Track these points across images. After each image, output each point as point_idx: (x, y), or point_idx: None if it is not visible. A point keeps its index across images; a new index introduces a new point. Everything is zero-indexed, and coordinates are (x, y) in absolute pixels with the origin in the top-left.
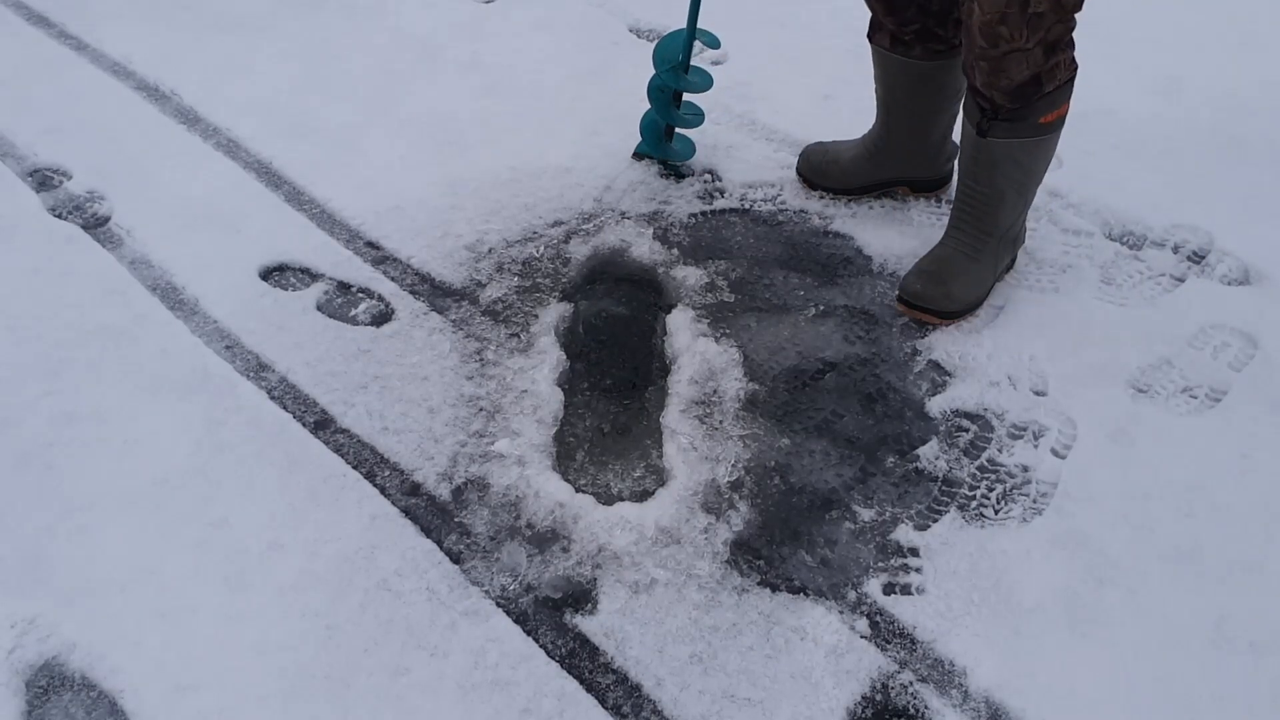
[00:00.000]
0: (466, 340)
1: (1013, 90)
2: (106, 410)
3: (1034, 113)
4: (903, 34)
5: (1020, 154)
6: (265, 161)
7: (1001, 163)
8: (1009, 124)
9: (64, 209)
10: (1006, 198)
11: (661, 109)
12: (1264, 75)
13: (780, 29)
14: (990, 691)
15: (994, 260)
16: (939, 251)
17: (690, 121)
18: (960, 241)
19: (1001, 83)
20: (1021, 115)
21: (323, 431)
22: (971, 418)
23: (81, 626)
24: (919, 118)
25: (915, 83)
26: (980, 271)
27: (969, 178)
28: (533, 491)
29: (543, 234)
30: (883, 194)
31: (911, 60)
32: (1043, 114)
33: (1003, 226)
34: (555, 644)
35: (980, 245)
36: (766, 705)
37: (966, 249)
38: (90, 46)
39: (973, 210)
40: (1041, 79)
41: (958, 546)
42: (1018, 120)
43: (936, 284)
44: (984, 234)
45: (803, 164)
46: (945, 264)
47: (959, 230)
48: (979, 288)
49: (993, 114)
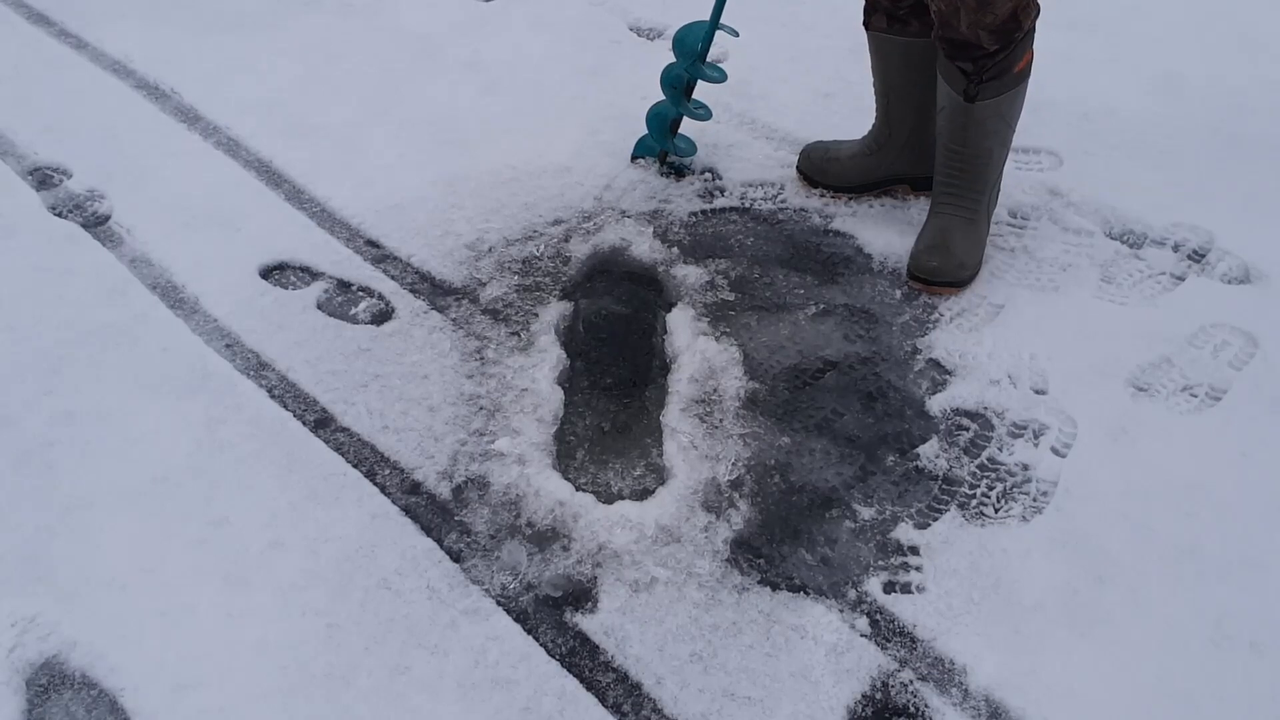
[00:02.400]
0: (467, 339)
1: (997, 27)
2: (107, 409)
3: (1011, 61)
4: (898, 9)
5: (1005, 108)
6: (265, 160)
7: (988, 120)
8: (994, 82)
9: (64, 208)
10: (994, 153)
11: (675, 99)
12: (1264, 74)
13: (781, 28)
14: (990, 690)
15: (988, 215)
16: (937, 223)
17: (700, 115)
18: (956, 207)
19: (987, 19)
20: (1002, 68)
21: (323, 430)
22: (972, 416)
23: (82, 625)
24: (918, 102)
25: (912, 64)
26: (978, 231)
27: (956, 143)
28: (533, 490)
29: (543, 232)
30: (883, 192)
31: (909, 39)
32: (1017, 61)
33: (991, 179)
34: (555, 642)
35: (975, 206)
36: (767, 704)
37: (963, 213)
38: (90, 45)
39: (962, 174)
40: (1019, 14)
41: (958, 545)
42: (1001, 75)
43: (947, 256)
44: (976, 194)
45: (803, 162)
46: (948, 234)
47: (951, 196)
48: (979, 247)
49: (978, 76)
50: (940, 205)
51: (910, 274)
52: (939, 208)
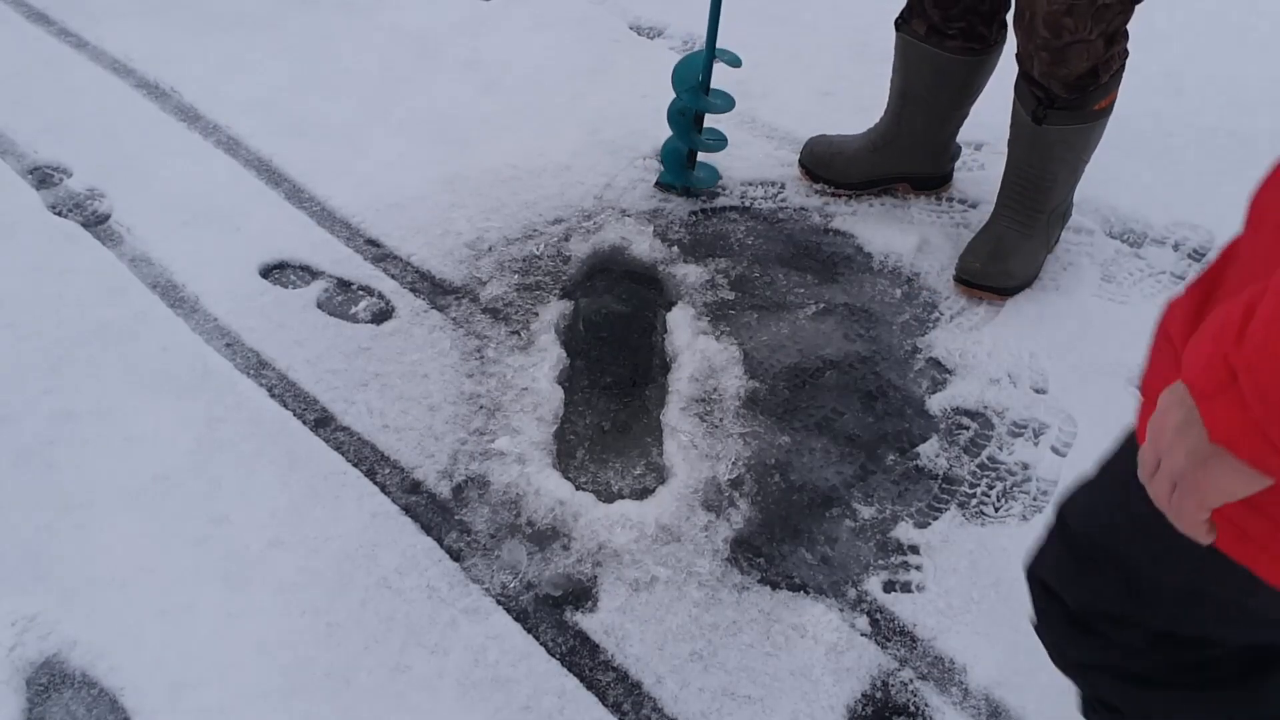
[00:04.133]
0: (467, 338)
1: (1072, 81)
2: (107, 407)
3: (1089, 101)
4: (946, 28)
5: (1074, 138)
6: (265, 159)
7: (1056, 146)
8: (1065, 112)
9: (64, 206)
10: (1059, 178)
11: (682, 134)
12: (1265, 73)
13: (781, 27)
14: (990, 689)
15: (1046, 236)
16: (993, 230)
17: (713, 146)
18: (1013, 220)
19: (1061, 73)
20: (1078, 104)
21: (323, 429)
22: (972, 415)
23: (82, 624)
24: (936, 113)
25: (941, 76)
26: (1034, 247)
27: (1022, 162)
28: (533, 489)
29: (543, 231)
30: (883, 191)
31: (943, 53)
32: (1097, 101)
33: (1054, 203)
34: (555, 641)
35: (1033, 222)
36: (766, 702)
37: (1020, 227)
38: (90, 44)
39: (1025, 190)
40: (1099, 70)
41: (958, 544)
42: (1074, 109)
43: (996, 262)
44: (1036, 212)
45: (806, 155)
46: (1001, 243)
47: (1011, 209)
48: (1034, 263)
49: (1049, 103)
50: (999, 213)
51: (955, 276)
52: (997, 215)
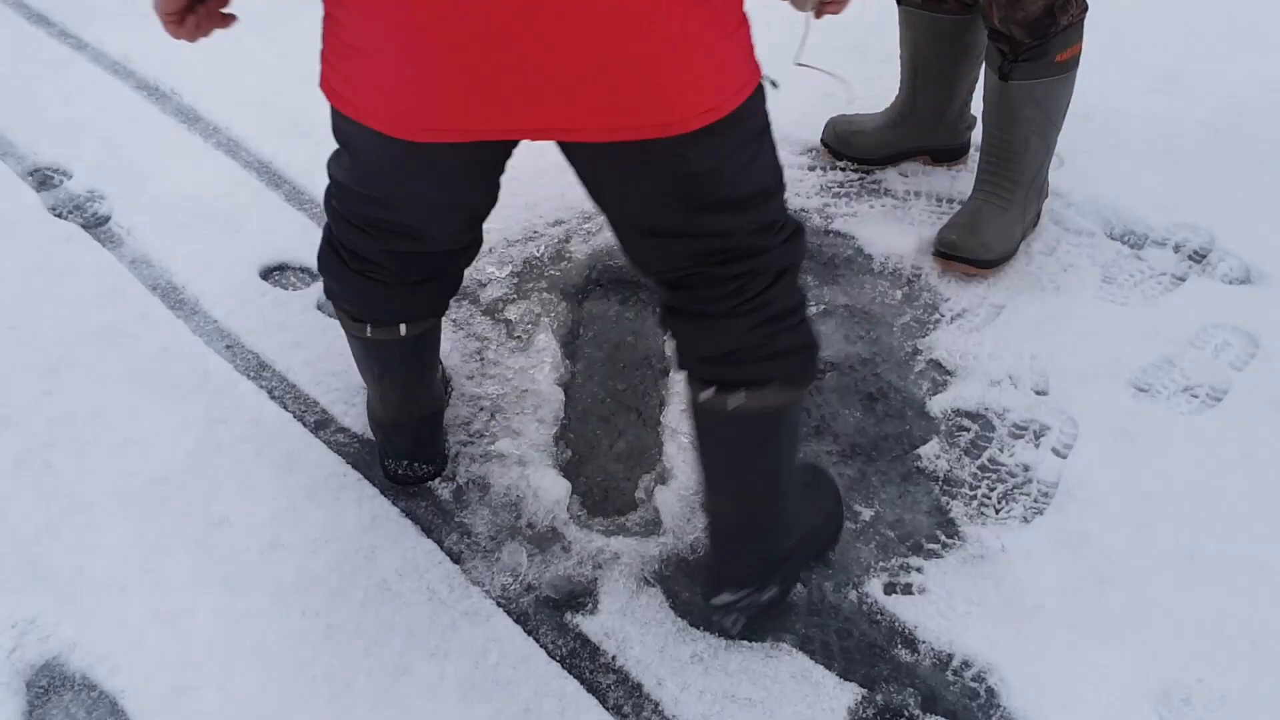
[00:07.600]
0: (466, 340)
1: (1029, 23)
2: (106, 409)
3: (1050, 50)
4: None
5: (1040, 95)
6: (265, 160)
7: (1023, 105)
8: (1029, 64)
9: (64, 208)
10: (1030, 143)
11: None
12: (1265, 74)
13: (782, 29)
14: (990, 690)
15: (1022, 210)
16: (970, 205)
17: None
18: (989, 193)
19: (1018, 15)
20: (1040, 53)
21: (323, 431)
22: (972, 417)
23: (82, 626)
24: (945, 77)
25: (943, 40)
26: (1010, 221)
27: (993, 126)
28: (533, 491)
29: (543, 233)
30: (884, 193)
31: (941, 16)
32: (1059, 51)
33: (1029, 174)
34: (556, 644)
35: (1010, 195)
36: (767, 705)
37: (997, 200)
38: (90, 45)
39: (999, 160)
40: (1054, 10)
41: (958, 546)
42: (1037, 59)
43: (971, 234)
44: (1012, 183)
45: (828, 134)
46: (977, 215)
47: (988, 182)
48: (1011, 237)
49: (1013, 56)
50: (977, 188)
51: (934, 250)
52: (976, 191)
